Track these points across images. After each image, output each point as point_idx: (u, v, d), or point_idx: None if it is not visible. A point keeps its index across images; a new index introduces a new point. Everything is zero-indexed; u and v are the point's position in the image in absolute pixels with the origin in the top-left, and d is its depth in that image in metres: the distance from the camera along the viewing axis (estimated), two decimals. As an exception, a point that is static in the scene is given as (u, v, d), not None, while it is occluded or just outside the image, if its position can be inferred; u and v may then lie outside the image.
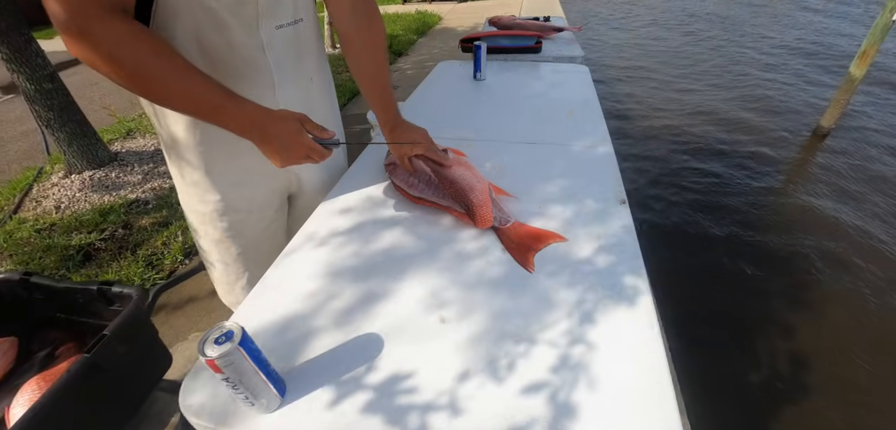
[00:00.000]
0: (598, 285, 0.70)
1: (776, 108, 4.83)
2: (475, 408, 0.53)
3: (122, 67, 0.57)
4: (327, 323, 0.66)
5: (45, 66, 2.40)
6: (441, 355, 0.60)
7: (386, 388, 0.56)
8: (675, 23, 9.19)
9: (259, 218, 0.94)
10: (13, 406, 0.95)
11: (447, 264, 0.76)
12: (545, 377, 0.56)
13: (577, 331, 0.62)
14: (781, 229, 2.84)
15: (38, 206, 2.52)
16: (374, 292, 0.71)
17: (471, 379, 0.57)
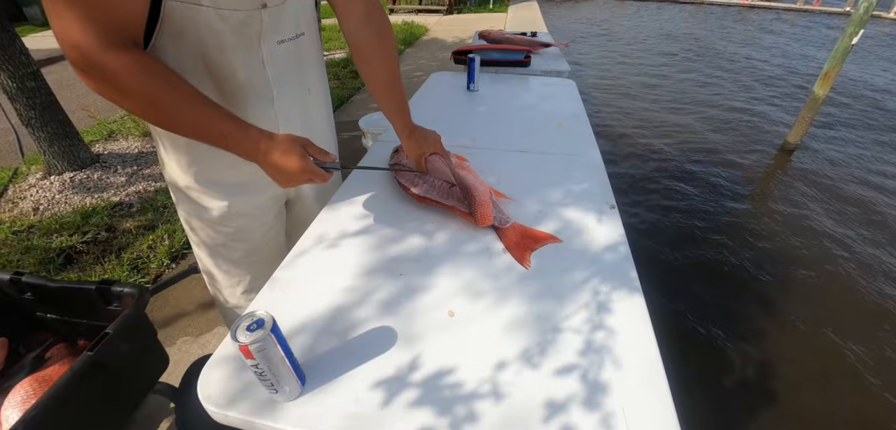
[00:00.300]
0: (593, 283, 0.75)
1: (746, 124, 5.09)
2: (482, 396, 0.57)
3: (134, 100, 0.59)
4: (340, 318, 0.69)
5: (29, 65, 2.34)
6: (450, 347, 0.64)
7: (398, 378, 0.59)
8: (647, 44, 9.55)
9: (261, 223, 0.96)
10: (5, 408, 0.93)
11: (454, 262, 0.80)
12: (546, 369, 0.61)
13: (576, 326, 0.67)
14: (749, 237, 3.00)
15: (15, 207, 2.44)
16: (383, 287, 0.74)
17: (478, 370, 0.61)
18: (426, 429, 0.53)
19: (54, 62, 6.41)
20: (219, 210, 0.88)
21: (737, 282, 2.57)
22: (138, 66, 0.57)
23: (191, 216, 0.91)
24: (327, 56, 6.02)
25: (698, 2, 18.79)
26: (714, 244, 2.90)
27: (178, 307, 1.83)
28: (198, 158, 0.82)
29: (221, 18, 0.66)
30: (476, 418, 0.55)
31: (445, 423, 0.54)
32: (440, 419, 0.54)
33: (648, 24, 12.35)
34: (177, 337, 1.68)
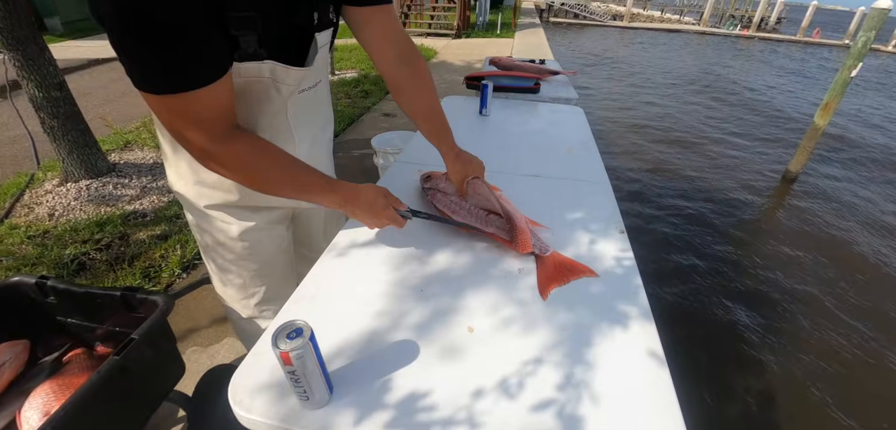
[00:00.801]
0: (605, 308, 0.78)
1: (747, 154, 5.15)
2: (498, 411, 0.60)
3: (245, 180, 0.71)
4: (365, 331, 0.72)
5: (56, 75, 2.42)
6: (470, 363, 0.66)
7: (420, 391, 0.62)
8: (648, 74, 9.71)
9: (274, 236, 1.00)
10: (25, 410, 0.95)
11: (474, 281, 0.83)
12: (556, 392, 0.63)
13: (590, 348, 0.70)
14: (751, 264, 3.01)
15: (31, 212, 2.48)
16: (406, 303, 0.77)
17: (496, 386, 0.63)
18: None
19: (74, 71, 6.57)
20: (237, 229, 0.92)
21: (738, 308, 2.58)
22: (244, 154, 0.67)
23: (205, 234, 0.95)
24: (339, 75, 6.15)
25: (699, 32, 19.16)
26: (713, 272, 2.92)
27: (188, 317, 1.85)
28: (219, 190, 0.87)
29: (276, 83, 0.73)
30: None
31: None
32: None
33: (651, 52, 12.58)
34: (187, 347, 1.69)
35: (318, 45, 0.78)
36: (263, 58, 0.66)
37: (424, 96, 0.95)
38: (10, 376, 1.01)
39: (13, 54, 2.25)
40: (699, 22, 22.75)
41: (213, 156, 0.65)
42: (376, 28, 0.86)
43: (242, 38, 0.61)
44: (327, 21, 0.78)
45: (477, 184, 1.01)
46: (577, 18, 22.53)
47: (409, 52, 0.91)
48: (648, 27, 20.40)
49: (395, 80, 0.92)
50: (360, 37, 0.87)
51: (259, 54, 0.65)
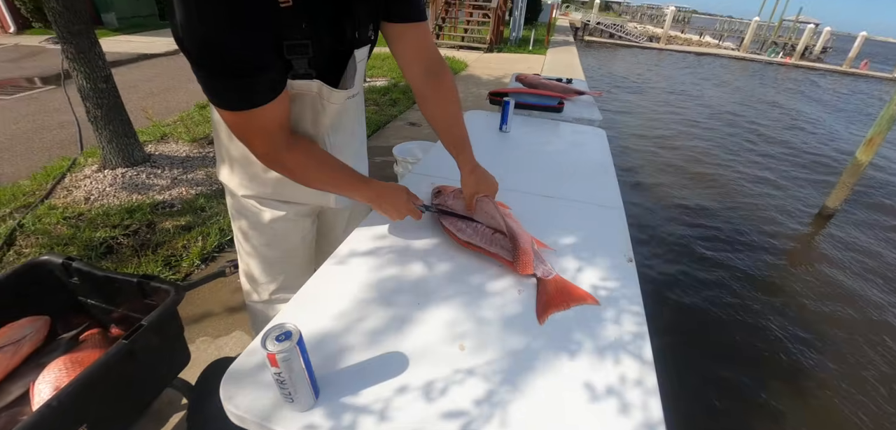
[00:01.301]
0: (604, 337, 0.75)
1: (782, 187, 4.92)
2: None
3: (302, 180, 0.82)
4: (358, 339, 0.72)
5: (104, 68, 2.58)
6: (459, 380, 0.65)
7: (408, 404, 0.61)
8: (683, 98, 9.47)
9: (299, 228, 1.07)
10: (38, 383, 1.00)
11: (470, 299, 0.82)
12: (544, 417, 0.61)
13: (581, 375, 0.67)
14: (780, 305, 2.86)
15: (69, 195, 2.63)
16: (401, 314, 0.77)
17: (484, 404, 0.62)
18: (429, 460, 0.55)
19: (123, 64, 6.97)
20: (268, 216, 1.00)
21: (762, 344, 2.45)
22: (300, 159, 0.79)
23: (241, 218, 1.03)
24: (369, 82, 6.28)
25: (739, 57, 18.58)
26: (740, 307, 2.79)
27: (202, 308, 1.90)
28: (258, 183, 0.97)
29: (322, 100, 0.83)
30: (478, 456, 0.55)
31: (448, 456, 0.55)
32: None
33: (686, 76, 12.28)
34: (197, 336, 1.74)
35: (357, 60, 0.84)
36: (313, 77, 0.76)
37: (447, 108, 1.00)
38: (29, 348, 1.06)
39: (67, 46, 2.41)
40: (739, 47, 22.09)
41: (276, 160, 0.77)
42: (409, 42, 0.92)
43: (295, 60, 0.71)
44: (366, 38, 0.84)
45: (484, 202, 1.00)
46: (612, 38, 22.29)
47: (436, 66, 0.97)
48: (686, 50, 19.96)
49: (422, 90, 0.98)
50: (393, 49, 0.94)
51: (309, 74, 0.75)
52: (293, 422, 0.58)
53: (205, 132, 3.79)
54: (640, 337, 0.75)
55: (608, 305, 0.83)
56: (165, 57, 7.82)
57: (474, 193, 1.02)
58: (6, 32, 10.37)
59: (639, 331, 0.77)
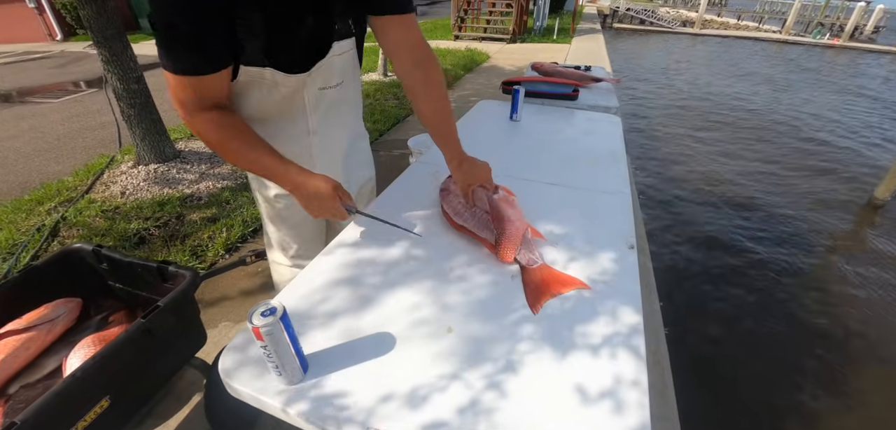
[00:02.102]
0: (596, 322, 0.75)
1: (827, 177, 4.64)
2: (465, 414, 0.59)
3: (211, 145, 0.83)
4: (349, 319, 0.74)
5: (136, 70, 2.73)
6: (443, 361, 0.67)
7: (392, 381, 0.63)
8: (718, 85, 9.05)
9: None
10: (69, 358, 1.08)
11: (460, 284, 0.84)
12: (530, 400, 0.62)
13: (569, 364, 0.68)
14: (823, 302, 2.71)
15: (107, 190, 2.81)
16: (392, 297, 0.79)
17: (469, 385, 0.63)
18: None
19: (156, 67, 7.31)
20: (273, 191, 1.08)
21: (804, 342, 2.34)
22: (213, 124, 0.80)
23: (258, 191, 1.12)
24: (390, 77, 6.33)
25: (781, 40, 17.54)
26: (780, 301, 2.66)
27: (225, 294, 2.00)
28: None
29: (275, 85, 0.86)
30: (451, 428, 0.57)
31: (424, 426, 0.57)
32: (423, 424, 0.57)
33: (722, 62, 11.72)
34: (220, 321, 1.83)
35: (336, 53, 0.88)
36: (265, 65, 0.80)
37: (432, 102, 0.99)
38: (62, 327, 1.15)
39: (101, 50, 2.57)
40: (781, 29, 20.85)
41: (190, 123, 0.80)
42: (393, 36, 0.93)
43: (248, 45, 0.76)
44: (346, 31, 0.88)
45: (479, 192, 1.01)
46: (642, 24, 21.52)
47: (424, 60, 0.97)
48: (722, 34, 19.01)
49: (409, 84, 0.98)
50: (380, 42, 0.95)
51: (262, 61, 0.80)
52: (282, 395, 0.61)
53: (231, 129, 3.94)
54: (634, 324, 0.75)
55: (604, 290, 0.82)
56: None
57: (468, 185, 1.02)
58: (54, 40, 11.08)
59: (634, 317, 0.76)
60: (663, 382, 1.67)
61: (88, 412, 0.89)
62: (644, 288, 2.16)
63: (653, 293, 2.20)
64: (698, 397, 1.95)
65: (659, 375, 1.70)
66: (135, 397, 1.02)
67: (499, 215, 0.92)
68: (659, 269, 2.76)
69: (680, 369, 1.80)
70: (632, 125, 6.08)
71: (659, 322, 2.00)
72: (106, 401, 0.93)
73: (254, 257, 2.18)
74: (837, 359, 2.28)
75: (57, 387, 0.81)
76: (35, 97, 5.68)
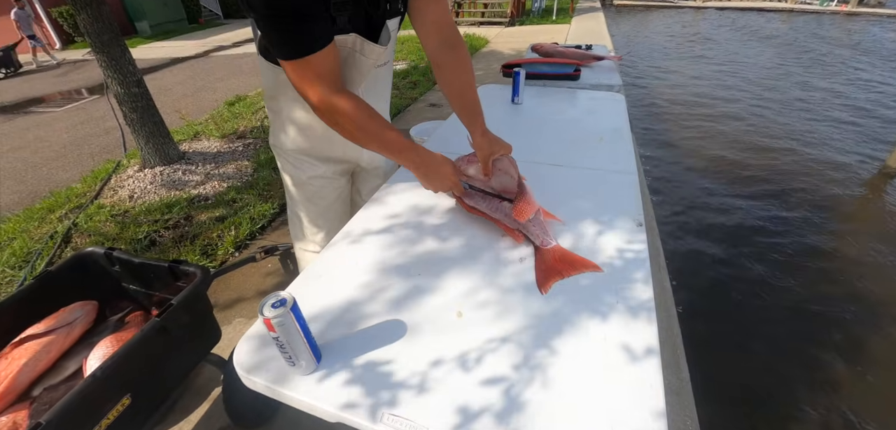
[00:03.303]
0: (607, 301, 0.75)
1: (835, 145, 4.56)
2: (478, 396, 0.60)
3: (351, 131, 0.86)
4: (361, 307, 0.75)
5: (135, 73, 2.74)
6: (454, 346, 0.67)
7: (405, 367, 0.64)
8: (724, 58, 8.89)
9: (334, 186, 1.21)
10: (89, 359, 1.11)
11: (470, 268, 0.84)
12: (541, 380, 0.62)
13: (581, 343, 0.68)
14: (836, 275, 2.68)
15: (115, 194, 2.83)
16: (402, 284, 0.80)
17: (479, 370, 0.64)
18: (421, 416, 0.57)
19: (158, 70, 7.33)
20: (308, 173, 1.15)
21: (811, 319, 2.32)
22: (350, 105, 0.83)
23: (288, 175, 1.18)
24: (388, 67, 6.30)
25: (787, 9, 17.16)
26: (786, 274, 2.64)
27: (238, 291, 2.02)
28: (303, 137, 1.09)
29: (361, 53, 0.92)
30: (470, 413, 0.58)
31: (439, 412, 0.58)
32: (436, 408, 0.58)
33: (728, 34, 11.50)
34: (234, 317, 1.86)
35: (390, 29, 0.94)
36: (350, 32, 0.86)
37: (461, 76, 1.05)
38: (81, 329, 1.17)
39: (100, 56, 2.57)
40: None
41: (330, 106, 0.82)
42: (429, 15, 1.00)
43: (339, 17, 0.82)
44: (396, 9, 0.94)
45: (501, 160, 1.01)
46: (643, 0, 21.12)
47: (452, 38, 1.03)
48: (726, 6, 18.63)
49: (438, 60, 1.04)
50: (414, 20, 1.01)
51: (347, 29, 0.85)
52: (298, 385, 0.62)
53: (233, 128, 3.95)
54: (645, 301, 0.74)
55: (614, 269, 0.82)
56: (195, 59, 8.16)
57: (489, 155, 1.03)
58: (53, 48, 11.11)
59: (644, 294, 0.76)
60: (676, 358, 1.68)
61: (110, 411, 0.91)
62: (654, 266, 2.16)
63: (663, 271, 2.19)
64: (713, 371, 1.95)
65: (671, 351, 1.70)
66: (154, 394, 1.05)
67: (521, 183, 0.94)
68: (669, 245, 2.75)
69: (693, 343, 1.80)
70: (639, 103, 6.01)
71: (670, 299, 1.99)
72: (127, 399, 0.95)
73: (263, 253, 2.20)
74: (856, 326, 2.26)
75: (78, 388, 0.83)
76: (39, 107, 5.73)
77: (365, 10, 0.86)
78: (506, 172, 1.00)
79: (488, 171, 1.03)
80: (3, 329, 1.10)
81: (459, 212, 1.02)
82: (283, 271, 2.14)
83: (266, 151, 3.35)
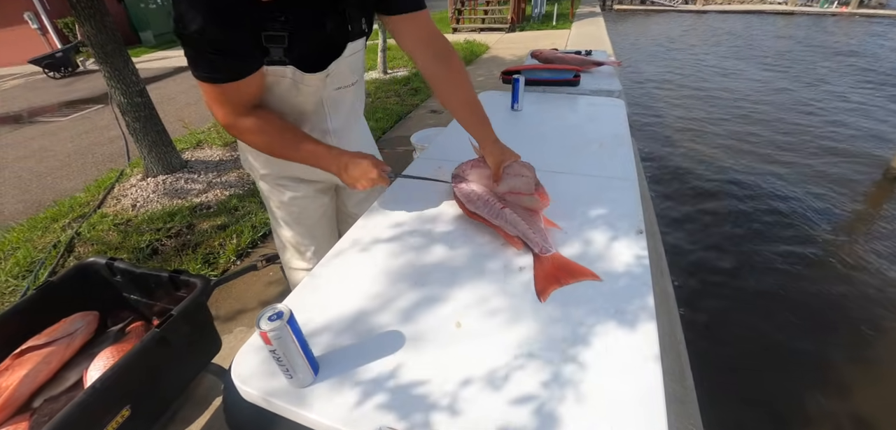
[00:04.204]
0: (606, 309, 0.74)
1: (838, 149, 4.54)
2: (477, 407, 0.60)
3: (259, 145, 0.91)
4: (357, 319, 0.75)
5: (138, 83, 2.76)
6: (453, 357, 0.67)
7: (403, 379, 0.64)
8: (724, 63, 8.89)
9: (318, 204, 1.20)
10: (89, 370, 1.11)
11: (468, 277, 0.84)
12: (541, 390, 0.62)
13: (581, 352, 0.67)
14: (836, 283, 2.66)
15: (118, 203, 2.85)
16: (400, 295, 0.79)
17: (478, 381, 0.63)
18: (419, 428, 0.57)
19: (162, 79, 7.39)
20: (289, 195, 1.13)
21: (810, 324, 2.30)
22: (256, 125, 0.87)
23: (269, 199, 1.17)
24: (391, 74, 6.32)
25: (786, 12, 17.17)
26: (787, 280, 2.63)
27: (239, 301, 2.02)
28: (271, 162, 1.07)
29: (296, 85, 0.91)
30: (470, 425, 0.57)
31: (438, 424, 0.57)
32: (435, 421, 0.58)
33: (729, 39, 11.51)
34: (235, 327, 1.86)
35: (349, 52, 0.93)
36: (286, 64, 0.84)
37: (458, 93, 1.03)
38: (81, 341, 1.17)
39: (103, 66, 2.60)
40: (786, 1, 20.38)
41: (234, 126, 0.87)
42: (409, 33, 0.97)
43: (272, 49, 0.81)
44: (358, 32, 0.93)
45: (513, 165, 1.02)
46: (643, 4, 21.17)
47: (443, 51, 1.00)
48: (726, 10, 18.66)
49: (432, 76, 1.01)
50: (398, 42, 0.99)
51: (283, 61, 0.84)
52: (295, 398, 0.62)
53: (236, 136, 3.97)
54: (646, 309, 0.74)
55: (614, 277, 0.82)
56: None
57: (501, 162, 1.03)
58: (60, 58, 11.22)
59: (645, 302, 0.75)
60: (680, 365, 1.66)
61: (110, 422, 0.91)
62: (656, 271, 2.15)
63: (665, 276, 2.17)
64: (717, 378, 1.93)
65: (675, 358, 1.69)
66: (154, 405, 1.05)
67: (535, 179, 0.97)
68: (671, 249, 2.73)
69: (698, 350, 1.78)
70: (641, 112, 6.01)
71: (673, 304, 1.98)
72: (126, 411, 0.95)
73: (264, 261, 2.21)
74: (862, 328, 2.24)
75: (78, 399, 0.83)
76: (44, 117, 5.78)
77: (308, 38, 0.85)
78: (519, 174, 1.01)
79: (498, 176, 1.03)
80: (5, 340, 1.11)
81: (457, 222, 1.02)
82: (284, 279, 2.14)
83: (268, 159, 3.36)
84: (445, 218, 1.04)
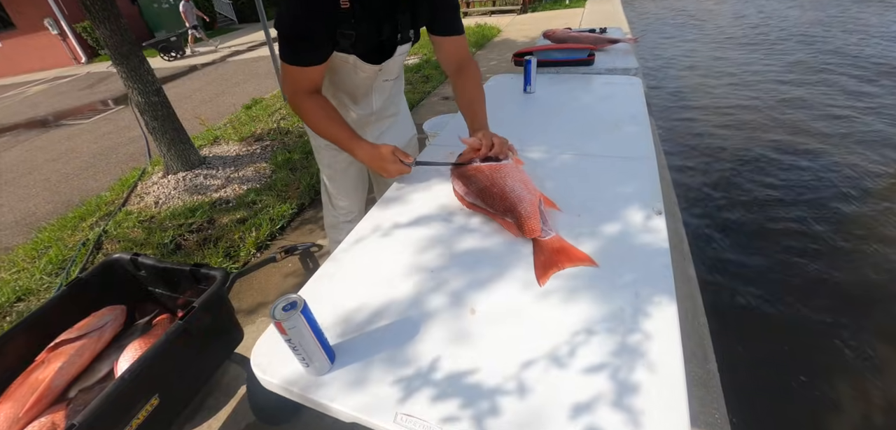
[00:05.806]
0: (625, 292, 0.73)
1: (866, 120, 4.32)
2: (491, 392, 0.59)
3: (311, 124, 1.14)
4: (373, 307, 0.75)
5: (154, 82, 2.81)
6: (468, 343, 0.67)
7: (420, 366, 0.64)
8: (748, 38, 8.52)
9: (357, 168, 1.46)
10: (120, 361, 1.15)
11: (480, 264, 0.83)
12: (557, 375, 0.61)
13: (598, 336, 0.66)
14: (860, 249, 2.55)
15: (141, 201, 2.93)
16: (415, 283, 0.80)
17: (492, 367, 0.63)
18: (435, 416, 0.57)
19: (178, 78, 7.53)
20: (338, 157, 1.39)
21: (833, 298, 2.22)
22: (312, 105, 1.09)
23: (319, 154, 1.43)
24: (400, 62, 6.30)
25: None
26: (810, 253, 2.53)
27: (260, 291, 2.07)
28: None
29: (356, 68, 1.12)
30: (485, 412, 0.57)
31: (454, 412, 0.57)
32: (450, 408, 0.58)
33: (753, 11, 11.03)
34: (256, 317, 1.90)
35: (399, 54, 1.16)
36: (349, 53, 1.06)
37: (468, 93, 1.24)
38: (111, 333, 1.22)
39: (120, 67, 2.65)
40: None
41: (295, 102, 1.09)
42: (447, 50, 1.22)
43: (341, 41, 1.02)
44: (407, 38, 1.14)
45: (493, 165, 1.03)
46: (659, -22, 20.46)
47: (465, 63, 1.26)
48: (747, -21, 17.86)
49: (454, 80, 1.28)
50: (436, 50, 1.24)
51: (347, 50, 1.06)
52: (312, 386, 0.63)
53: (251, 131, 4.02)
54: (666, 290, 0.72)
55: (633, 260, 0.80)
56: (212, 66, 8.34)
57: (481, 135, 1.11)
58: (79, 62, 11.56)
59: (665, 284, 0.73)
60: (703, 348, 1.63)
61: (140, 411, 0.94)
62: (677, 254, 2.10)
63: (687, 259, 2.12)
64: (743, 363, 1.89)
65: (698, 342, 1.65)
66: (182, 393, 1.08)
67: (514, 195, 0.91)
68: (694, 230, 2.67)
69: (722, 334, 1.74)
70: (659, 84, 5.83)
71: (695, 288, 1.93)
72: (155, 399, 0.98)
73: (283, 253, 2.24)
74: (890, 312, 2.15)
75: (108, 389, 0.87)
76: (68, 120, 5.97)
77: (370, 38, 1.05)
78: (482, 189, 0.99)
79: (479, 141, 1.08)
80: (40, 334, 1.16)
81: (470, 212, 1.01)
82: (303, 270, 2.18)
83: (283, 153, 3.40)
84: (458, 204, 1.03)
